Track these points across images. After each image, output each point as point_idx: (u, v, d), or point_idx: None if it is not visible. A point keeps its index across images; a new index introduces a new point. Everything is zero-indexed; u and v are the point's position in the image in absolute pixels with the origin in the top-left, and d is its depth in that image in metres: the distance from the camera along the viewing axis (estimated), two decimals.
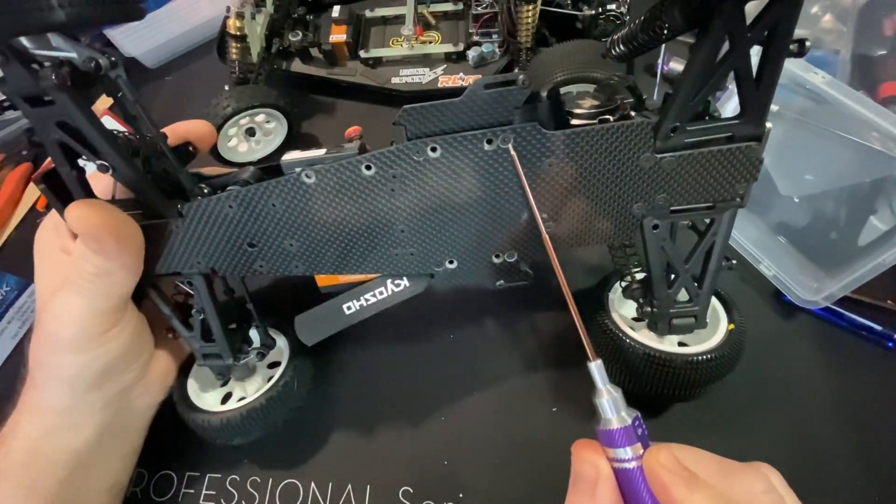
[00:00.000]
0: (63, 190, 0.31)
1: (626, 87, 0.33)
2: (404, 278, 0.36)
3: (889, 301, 0.43)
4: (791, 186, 0.46)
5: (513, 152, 0.30)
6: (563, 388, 0.42)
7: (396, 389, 0.43)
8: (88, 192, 0.31)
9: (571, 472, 0.24)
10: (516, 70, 0.57)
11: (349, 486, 0.39)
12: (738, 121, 0.29)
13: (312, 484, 0.40)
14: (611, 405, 0.24)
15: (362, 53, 0.59)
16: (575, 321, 0.26)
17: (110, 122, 0.57)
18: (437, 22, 0.61)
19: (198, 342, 0.36)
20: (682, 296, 0.35)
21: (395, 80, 0.59)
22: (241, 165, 0.47)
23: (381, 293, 0.36)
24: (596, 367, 0.24)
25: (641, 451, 0.23)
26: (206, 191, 0.33)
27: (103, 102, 0.61)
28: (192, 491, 0.40)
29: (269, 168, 0.35)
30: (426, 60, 0.59)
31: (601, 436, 0.24)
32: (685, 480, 0.22)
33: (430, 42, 0.60)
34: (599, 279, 0.41)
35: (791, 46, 0.26)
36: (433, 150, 0.30)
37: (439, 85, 0.58)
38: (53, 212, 0.33)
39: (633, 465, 0.23)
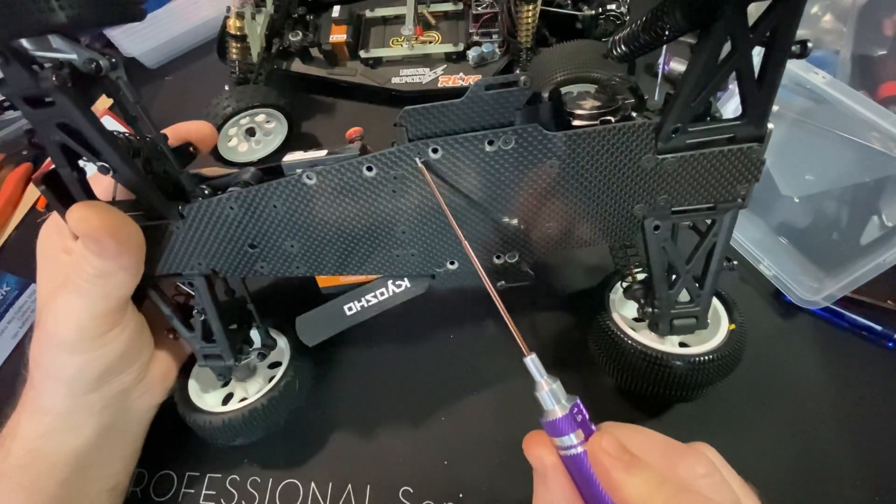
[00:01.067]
0: (63, 191, 0.31)
1: (628, 88, 0.33)
2: (405, 279, 0.36)
3: (889, 301, 0.43)
4: (791, 186, 0.46)
5: (420, 165, 0.30)
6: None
7: (396, 389, 0.43)
8: (89, 194, 0.31)
9: None
10: (517, 70, 0.57)
11: (349, 486, 0.40)
12: (740, 122, 0.29)
13: (312, 484, 0.40)
14: (550, 396, 0.24)
15: (362, 53, 0.59)
16: (505, 319, 0.26)
17: (111, 123, 0.57)
18: (437, 22, 0.61)
19: (199, 343, 0.36)
20: (683, 296, 0.35)
21: (395, 80, 0.59)
22: (242, 165, 0.47)
23: (382, 294, 0.36)
24: (531, 361, 0.25)
25: (584, 437, 0.24)
26: (206, 192, 0.33)
27: (103, 103, 0.61)
28: (192, 491, 0.40)
29: (270, 169, 0.35)
30: (426, 60, 0.59)
31: (545, 427, 0.24)
32: (625, 464, 0.22)
33: (430, 42, 0.60)
34: (600, 280, 0.41)
35: (793, 47, 0.26)
36: (434, 151, 0.30)
37: (439, 85, 0.58)
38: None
39: (579, 450, 0.23)
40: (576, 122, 0.31)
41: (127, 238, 0.31)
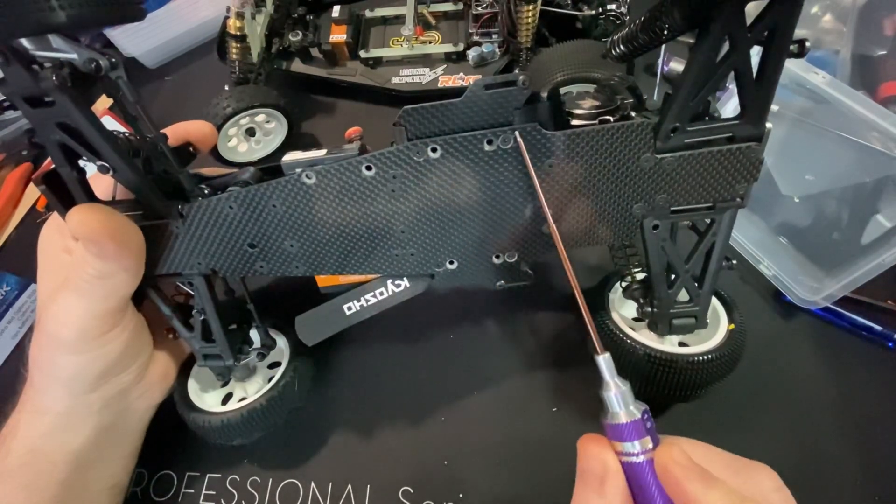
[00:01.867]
0: (64, 190, 0.31)
1: (627, 88, 0.33)
2: (405, 279, 0.36)
3: (889, 301, 0.43)
4: (791, 186, 0.46)
5: (520, 140, 0.29)
6: (563, 388, 0.42)
7: (396, 389, 0.43)
8: (89, 193, 0.31)
9: (578, 467, 0.24)
10: (516, 70, 0.57)
11: (349, 486, 0.40)
12: (739, 121, 0.29)
13: (312, 484, 0.40)
14: (619, 399, 0.23)
15: (362, 53, 0.59)
16: (583, 314, 0.26)
17: (111, 123, 0.57)
18: (437, 22, 0.61)
19: (198, 343, 0.37)
20: (683, 296, 0.35)
21: (395, 80, 0.59)
22: (242, 165, 0.47)
23: (381, 293, 0.36)
24: (604, 361, 0.24)
25: (650, 446, 0.23)
26: (206, 191, 0.33)
27: (103, 102, 0.61)
28: (192, 491, 0.40)
29: (270, 169, 0.35)
30: (426, 60, 0.59)
31: (608, 430, 0.23)
32: (700, 477, 0.22)
33: (430, 42, 0.60)
34: (600, 279, 0.41)
35: (791, 47, 0.26)
36: (433, 150, 0.30)
37: (439, 85, 0.58)
38: None
39: (641, 458, 0.23)
40: (575, 122, 0.31)
41: (127, 240, 0.31)
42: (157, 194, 0.31)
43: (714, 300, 0.37)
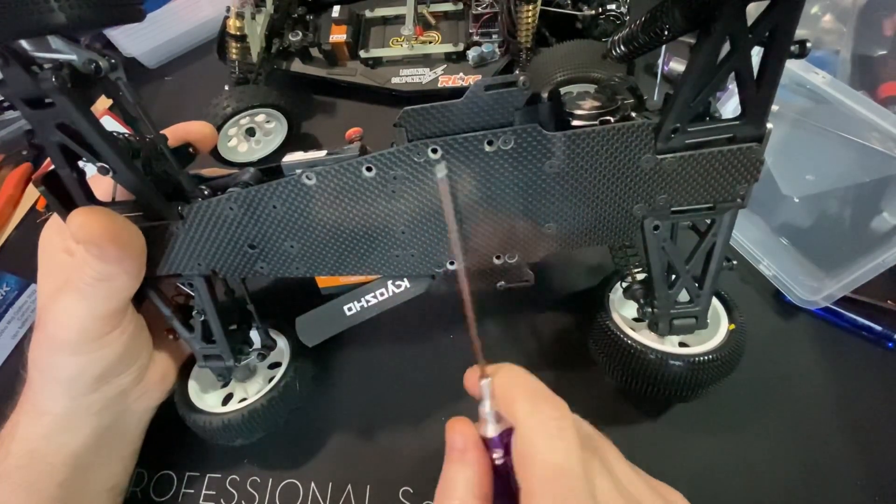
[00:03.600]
0: (63, 192, 0.31)
1: (627, 88, 0.33)
2: (405, 279, 0.36)
3: (889, 301, 0.43)
4: (792, 186, 0.46)
5: (439, 178, 0.30)
6: (563, 388, 0.41)
7: (396, 389, 0.43)
8: (89, 194, 0.31)
9: (446, 447, 0.26)
10: (517, 70, 0.57)
11: (349, 486, 0.40)
12: (739, 122, 0.29)
13: (312, 484, 0.40)
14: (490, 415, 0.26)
15: (362, 53, 0.59)
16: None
17: (110, 123, 0.57)
18: (437, 22, 0.61)
19: (198, 343, 0.37)
20: (683, 296, 0.35)
21: (395, 80, 0.59)
22: (242, 166, 0.47)
23: (381, 294, 0.36)
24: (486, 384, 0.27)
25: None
26: (206, 192, 0.33)
27: (103, 103, 0.61)
28: (192, 491, 0.40)
29: (270, 169, 0.35)
30: (426, 60, 0.59)
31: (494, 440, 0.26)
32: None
33: (430, 42, 0.60)
34: (600, 280, 0.41)
35: (792, 47, 0.26)
36: (434, 151, 0.30)
37: (439, 85, 0.58)
38: None
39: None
40: (575, 123, 0.31)
41: (128, 242, 0.31)
42: (156, 195, 0.31)
43: (714, 300, 0.37)
